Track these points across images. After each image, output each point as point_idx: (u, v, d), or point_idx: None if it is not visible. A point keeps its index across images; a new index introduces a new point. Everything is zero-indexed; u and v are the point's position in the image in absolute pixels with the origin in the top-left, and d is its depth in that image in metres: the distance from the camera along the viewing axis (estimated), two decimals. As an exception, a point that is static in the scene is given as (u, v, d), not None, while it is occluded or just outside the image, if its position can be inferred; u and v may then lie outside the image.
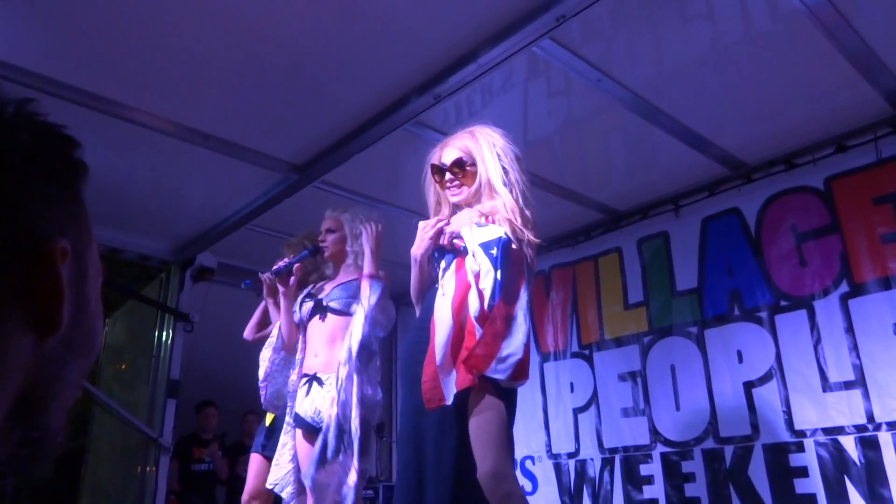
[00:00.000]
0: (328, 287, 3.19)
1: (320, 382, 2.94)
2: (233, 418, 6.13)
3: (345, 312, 3.03)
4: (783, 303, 3.56)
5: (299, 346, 3.13)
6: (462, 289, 2.12)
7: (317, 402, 2.92)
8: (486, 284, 2.09)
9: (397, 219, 4.17)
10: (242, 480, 3.82)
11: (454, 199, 2.38)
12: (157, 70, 2.82)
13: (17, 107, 0.47)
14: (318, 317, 3.09)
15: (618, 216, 4.43)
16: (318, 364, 2.99)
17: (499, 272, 2.08)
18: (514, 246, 2.17)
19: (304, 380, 3.01)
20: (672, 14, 2.64)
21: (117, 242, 4.50)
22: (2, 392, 0.40)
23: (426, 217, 2.45)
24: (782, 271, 3.60)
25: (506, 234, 2.15)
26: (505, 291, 2.09)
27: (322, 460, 2.69)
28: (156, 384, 4.60)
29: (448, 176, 2.37)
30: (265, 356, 3.22)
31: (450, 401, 2.04)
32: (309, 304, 3.14)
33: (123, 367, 5.38)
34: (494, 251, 2.12)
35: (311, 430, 2.93)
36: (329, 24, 2.58)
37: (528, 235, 2.19)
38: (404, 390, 2.30)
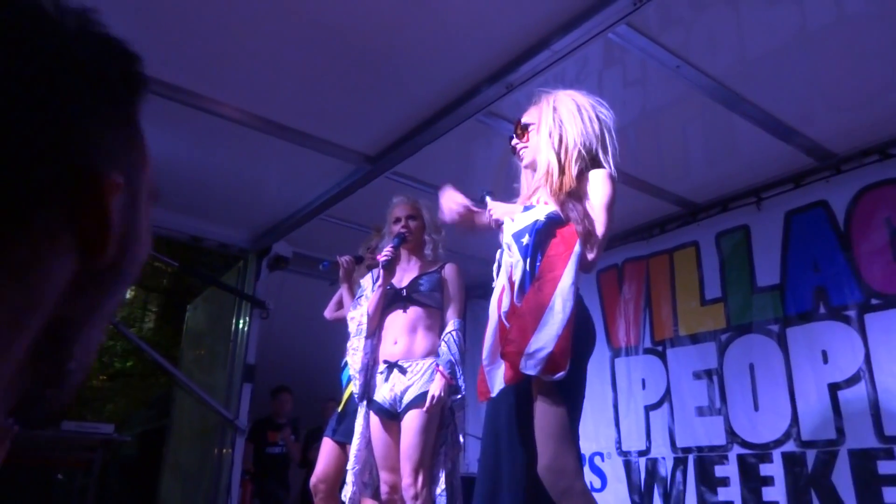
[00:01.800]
0: (407, 277, 3.20)
1: (402, 370, 2.98)
2: (306, 404, 6.28)
3: (428, 304, 3.08)
4: (874, 301, 3.36)
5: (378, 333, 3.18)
6: (503, 285, 2.13)
7: (396, 389, 2.97)
8: (517, 277, 2.05)
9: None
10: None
11: (522, 163, 2.37)
12: (236, 63, 2.91)
13: (78, 18, 0.42)
14: (398, 306, 3.11)
15: (695, 209, 4.29)
16: (399, 352, 3.03)
17: (528, 262, 2.02)
18: (558, 224, 2.07)
19: (384, 366, 3.05)
20: (756, -4, 2.52)
21: (198, 231, 4.68)
22: (37, 313, 0.38)
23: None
24: (874, 268, 3.40)
25: (546, 215, 2.06)
26: (536, 280, 2.00)
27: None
28: (233, 369, 4.76)
29: (514, 141, 2.37)
30: (354, 345, 3.22)
31: (494, 393, 2.06)
32: (390, 292, 3.15)
33: (202, 352, 5.60)
34: (525, 239, 2.05)
35: (389, 416, 2.99)
36: (400, 15, 2.59)
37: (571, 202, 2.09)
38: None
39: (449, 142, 3.36)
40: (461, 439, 2.99)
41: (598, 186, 2.15)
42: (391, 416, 2.98)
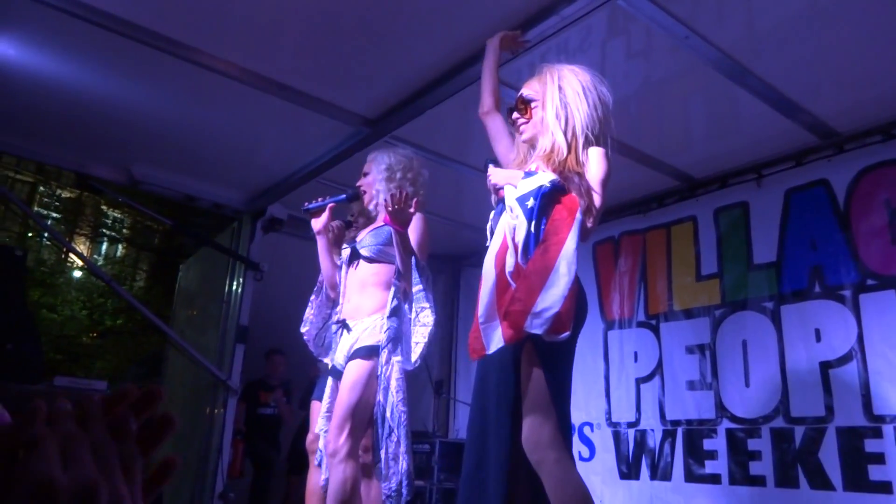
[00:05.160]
0: (363, 232, 3.06)
1: (348, 329, 2.86)
2: (300, 366, 6.29)
3: (375, 260, 2.90)
4: (870, 282, 3.37)
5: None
6: (504, 243, 2.10)
7: (344, 348, 2.85)
8: (520, 238, 2.04)
9: (466, 177, 4.13)
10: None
11: (522, 138, 2.35)
12: (235, 18, 2.84)
13: None
14: (354, 263, 2.98)
15: (694, 184, 4.26)
16: (349, 310, 2.90)
17: (532, 224, 2.02)
18: (561, 192, 2.07)
19: (336, 326, 2.94)
20: (771, -33, 2.47)
21: (192, 190, 4.63)
22: None
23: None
24: (871, 249, 3.40)
25: (551, 181, 2.06)
26: (542, 243, 2.01)
27: None
28: (226, 329, 4.76)
29: (515, 115, 2.34)
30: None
31: (490, 351, 2.04)
32: (347, 251, 3.03)
33: (195, 312, 5.58)
34: (531, 202, 2.05)
35: (340, 376, 2.87)
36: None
37: (576, 173, 2.11)
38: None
39: (450, 107, 3.32)
40: (401, 408, 2.70)
41: (595, 163, 2.17)
42: (340, 376, 2.85)
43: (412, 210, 2.68)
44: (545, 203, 2.04)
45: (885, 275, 3.32)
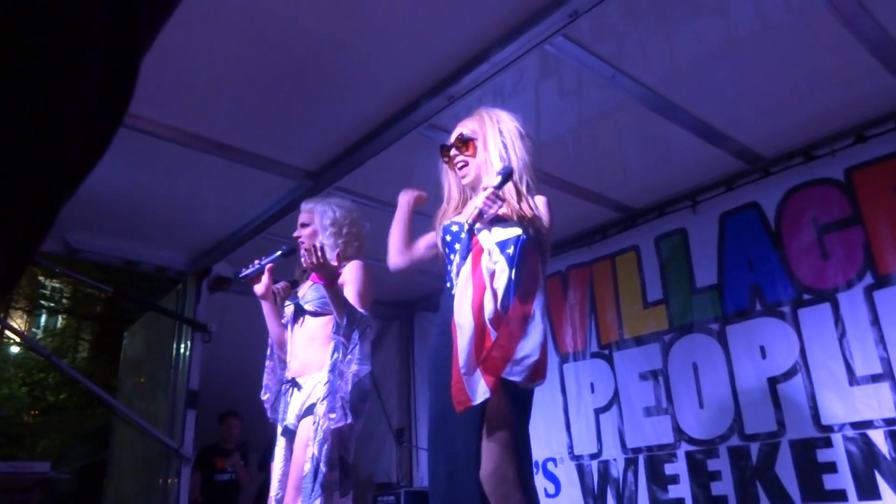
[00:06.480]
0: (303, 287, 3.04)
1: (298, 387, 2.82)
2: (257, 428, 6.12)
3: (322, 313, 2.87)
4: (806, 296, 3.51)
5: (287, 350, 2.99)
6: (479, 289, 2.10)
7: (294, 407, 2.80)
8: (500, 284, 2.07)
9: (414, 223, 4.15)
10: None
11: (464, 181, 2.38)
12: (165, 79, 2.82)
13: None
14: (299, 320, 2.95)
15: (634, 214, 4.39)
16: (297, 367, 2.86)
17: (513, 271, 2.06)
18: (534, 242, 2.15)
19: (287, 385, 2.88)
20: (685, 7, 2.62)
21: (133, 255, 4.53)
22: None
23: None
24: (804, 265, 3.55)
25: (524, 233, 2.12)
26: (520, 290, 2.06)
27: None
28: (175, 395, 4.60)
29: (453, 152, 2.38)
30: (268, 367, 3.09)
31: (476, 401, 2.01)
32: (290, 308, 2.99)
33: (142, 379, 5.40)
34: (511, 250, 2.10)
35: (292, 436, 2.82)
36: (337, 27, 2.57)
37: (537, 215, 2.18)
38: (432, 393, 2.27)
39: (391, 155, 3.35)
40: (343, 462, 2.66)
41: (545, 211, 2.27)
42: (293, 437, 2.81)
43: (334, 262, 2.64)
44: (523, 252, 2.09)
45: (820, 289, 3.47)
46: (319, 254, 2.55)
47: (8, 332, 12.05)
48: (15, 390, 12.47)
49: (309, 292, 2.95)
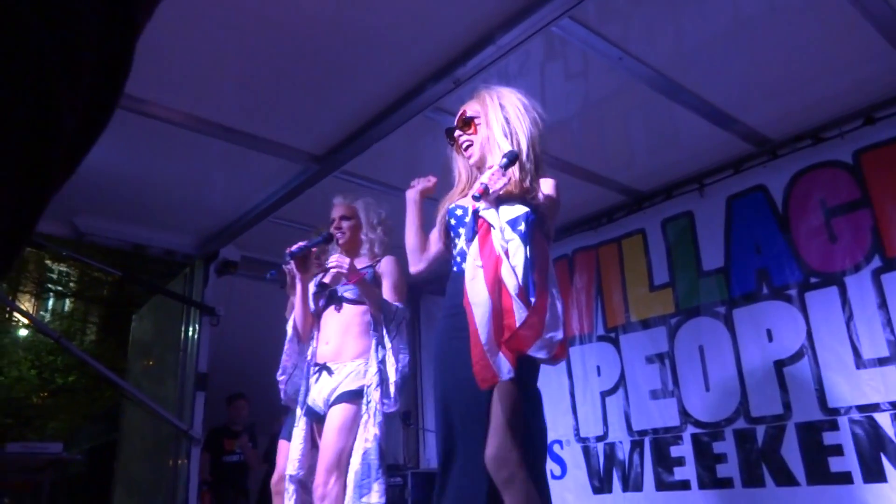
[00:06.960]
0: (343, 277, 3.09)
1: (330, 372, 2.90)
2: (264, 410, 6.18)
3: (360, 302, 2.98)
4: (813, 280, 3.50)
5: (314, 335, 3.08)
6: (493, 266, 2.05)
7: (324, 392, 2.88)
8: (518, 261, 2.04)
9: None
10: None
11: (470, 161, 2.36)
12: (173, 64, 2.82)
13: None
14: (333, 307, 3.03)
15: (641, 197, 4.38)
16: (329, 353, 2.95)
17: (527, 248, 2.05)
18: (541, 221, 2.14)
19: (315, 369, 2.97)
20: (694, -12, 2.59)
21: (142, 239, 4.55)
22: None
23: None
24: (812, 248, 3.54)
25: (532, 209, 2.11)
26: (537, 267, 2.06)
27: None
28: (184, 378, 4.65)
29: (457, 133, 2.37)
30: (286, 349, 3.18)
31: (504, 377, 1.98)
32: (321, 295, 3.08)
33: (151, 362, 5.45)
34: (522, 227, 2.08)
35: (318, 419, 2.90)
36: (343, 11, 2.56)
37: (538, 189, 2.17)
38: (439, 375, 2.25)
39: (397, 139, 3.35)
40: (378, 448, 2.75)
41: (552, 194, 2.24)
42: (320, 420, 2.89)
43: (377, 258, 2.96)
44: (533, 229, 2.08)
45: (827, 272, 3.46)
46: (347, 268, 2.81)
47: (17, 315, 12.16)
48: (24, 373, 12.59)
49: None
